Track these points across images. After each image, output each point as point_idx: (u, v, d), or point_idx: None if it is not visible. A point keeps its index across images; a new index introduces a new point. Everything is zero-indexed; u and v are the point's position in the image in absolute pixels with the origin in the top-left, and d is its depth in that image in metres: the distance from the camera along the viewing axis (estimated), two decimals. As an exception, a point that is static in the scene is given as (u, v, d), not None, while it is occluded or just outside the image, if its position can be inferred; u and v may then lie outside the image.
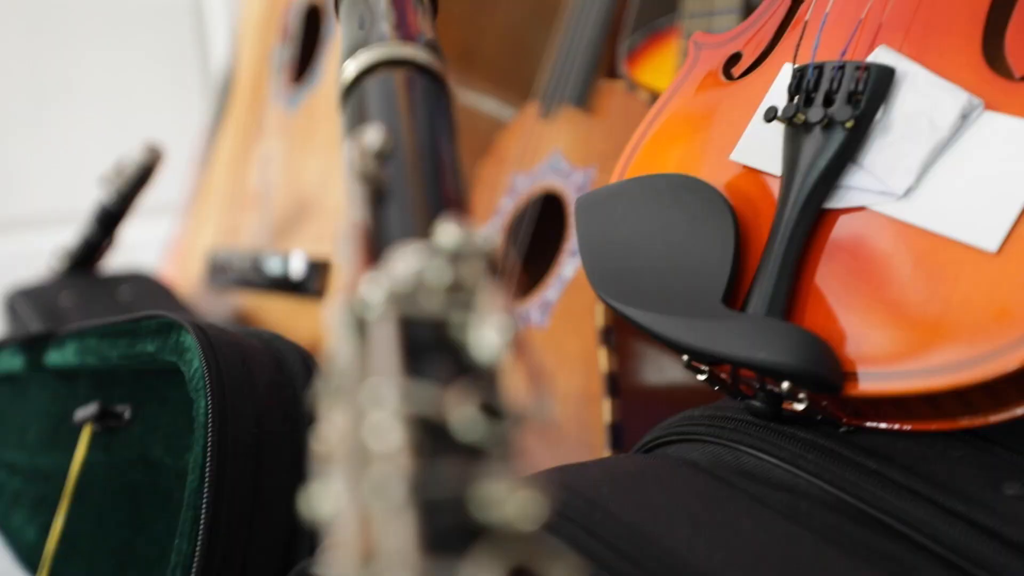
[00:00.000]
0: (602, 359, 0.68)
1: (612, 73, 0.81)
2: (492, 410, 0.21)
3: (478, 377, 0.22)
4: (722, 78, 0.50)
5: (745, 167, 0.46)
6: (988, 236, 0.38)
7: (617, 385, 0.67)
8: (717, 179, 0.47)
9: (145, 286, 1.00)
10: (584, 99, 0.79)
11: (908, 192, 0.40)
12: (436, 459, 0.20)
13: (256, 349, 0.51)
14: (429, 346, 0.23)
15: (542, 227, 0.81)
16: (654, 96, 0.83)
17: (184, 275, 1.18)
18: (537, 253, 0.84)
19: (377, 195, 0.27)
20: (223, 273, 1.07)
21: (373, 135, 0.28)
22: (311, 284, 0.98)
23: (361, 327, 0.24)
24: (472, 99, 1.07)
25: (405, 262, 0.24)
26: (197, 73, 1.80)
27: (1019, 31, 0.41)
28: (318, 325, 0.99)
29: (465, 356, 0.23)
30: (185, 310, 0.98)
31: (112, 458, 0.57)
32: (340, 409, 0.22)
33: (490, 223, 0.84)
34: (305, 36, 1.12)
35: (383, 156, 0.28)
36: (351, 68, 0.33)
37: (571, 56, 0.82)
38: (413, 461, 0.20)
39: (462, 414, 0.21)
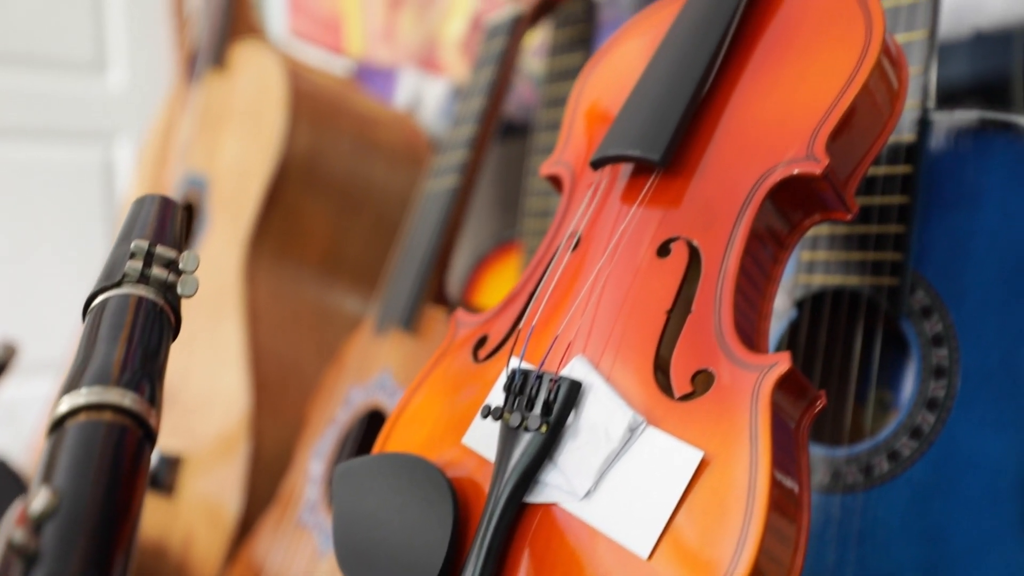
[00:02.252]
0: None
1: (440, 297, 0.89)
2: None
3: None
4: (471, 359, 0.57)
5: (475, 452, 0.52)
6: (642, 543, 0.44)
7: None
8: (452, 461, 0.52)
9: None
10: (410, 322, 0.86)
11: (588, 494, 0.47)
12: None
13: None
14: None
15: (369, 442, 0.86)
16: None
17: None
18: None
19: (26, 563, 0.32)
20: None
21: (38, 501, 0.33)
22: (161, 478, 1.01)
23: None
24: (335, 298, 1.13)
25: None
26: (101, 226, 1.85)
27: (682, 356, 0.48)
28: (162, 521, 1.01)
29: None
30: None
31: None
32: None
33: (326, 433, 0.89)
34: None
35: (44, 518, 0.33)
36: (63, 405, 0.38)
37: (401, 280, 0.89)
38: None
39: None
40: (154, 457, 1.02)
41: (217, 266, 1.09)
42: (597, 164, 0.56)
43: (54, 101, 1.91)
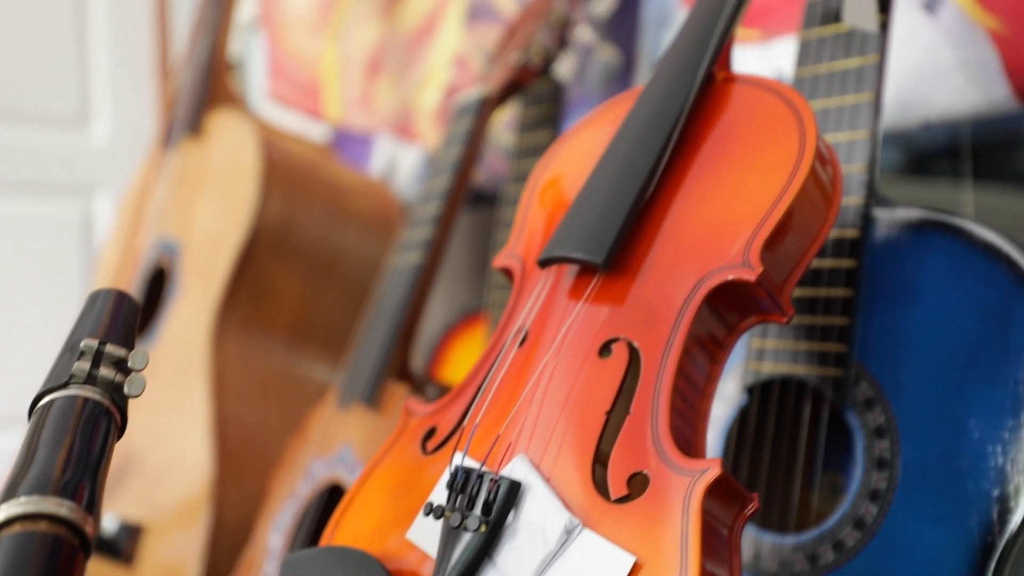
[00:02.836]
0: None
1: (403, 372, 0.90)
2: None
3: None
4: (419, 450, 0.58)
5: (418, 548, 0.53)
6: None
7: None
8: (396, 554, 0.53)
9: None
10: (372, 398, 0.87)
11: (525, 595, 0.47)
12: None
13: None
14: None
15: (327, 518, 0.86)
16: (444, 391, 0.91)
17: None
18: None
19: None
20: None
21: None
22: (121, 547, 1.01)
23: None
24: (304, 365, 1.14)
25: None
26: (78, 279, 1.86)
27: (620, 458, 0.49)
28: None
29: None
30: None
31: None
32: None
33: (286, 506, 0.90)
34: (149, 293, 1.19)
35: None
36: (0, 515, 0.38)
37: (365, 354, 0.90)
38: None
39: None
40: (115, 526, 1.02)
41: (186, 332, 1.09)
42: (543, 264, 0.57)
43: (36, 154, 1.92)
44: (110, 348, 0.47)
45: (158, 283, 1.19)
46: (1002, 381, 0.60)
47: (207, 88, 1.22)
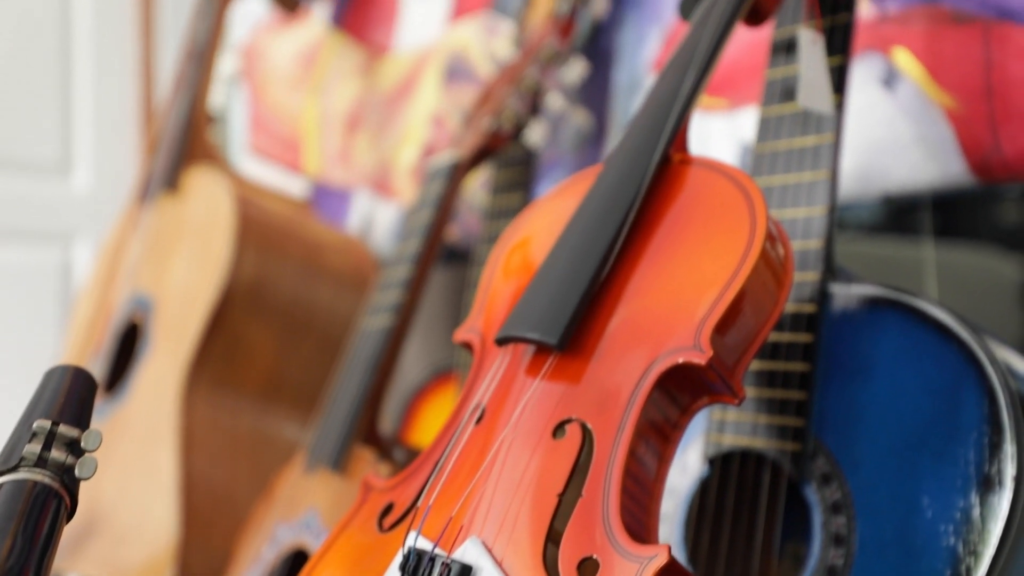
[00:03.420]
0: None
1: (371, 436, 0.90)
2: None
3: None
4: (376, 528, 0.58)
5: (370, 628, 0.53)
6: None
7: None
8: (347, 634, 0.53)
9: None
10: (339, 463, 0.87)
11: None
12: None
13: None
14: None
15: (291, 582, 0.86)
16: (411, 455, 0.91)
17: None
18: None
19: None
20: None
21: None
22: (84, 612, 0.99)
23: None
24: (274, 425, 1.14)
25: None
26: (54, 326, 1.85)
27: (571, 542, 0.50)
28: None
29: None
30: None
31: None
32: None
33: (250, 571, 0.89)
34: (121, 349, 1.19)
35: None
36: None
37: (332, 418, 0.90)
38: None
39: None
40: (78, 589, 1.01)
41: (156, 390, 1.09)
42: (500, 342, 0.58)
43: (18, 201, 1.93)
44: (63, 429, 0.47)
45: (131, 338, 1.19)
46: (952, 461, 0.60)
47: (185, 145, 1.23)
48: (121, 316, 1.20)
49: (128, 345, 1.18)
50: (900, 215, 1.33)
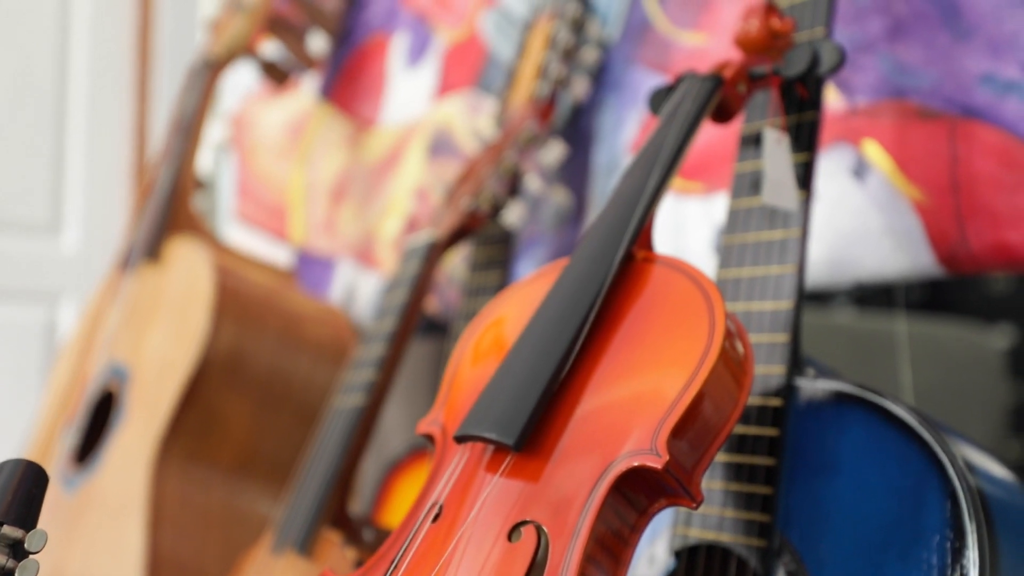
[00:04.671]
0: None
1: (340, 518, 0.88)
2: None
3: None
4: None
5: None
6: None
7: None
8: None
9: None
10: (306, 546, 0.86)
11: None
12: None
13: None
14: None
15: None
16: (381, 536, 0.90)
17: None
18: None
19: None
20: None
21: None
22: None
23: None
24: (247, 499, 1.12)
25: None
26: (37, 385, 1.84)
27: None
28: None
29: None
30: None
31: None
32: None
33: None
34: (95, 419, 1.18)
35: None
36: None
37: (301, 499, 0.89)
38: None
39: None
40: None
41: (127, 462, 1.08)
42: (459, 440, 0.58)
43: (5, 259, 1.93)
44: (6, 530, 0.46)
45: (105, 407, 1.18)
46: (916, 564, 0.60)
47: (168, 215, 1.24)
48: (97, 384, 1.19)
49: (103, 414, 1.17)
50: (875, 292, 1.34)
